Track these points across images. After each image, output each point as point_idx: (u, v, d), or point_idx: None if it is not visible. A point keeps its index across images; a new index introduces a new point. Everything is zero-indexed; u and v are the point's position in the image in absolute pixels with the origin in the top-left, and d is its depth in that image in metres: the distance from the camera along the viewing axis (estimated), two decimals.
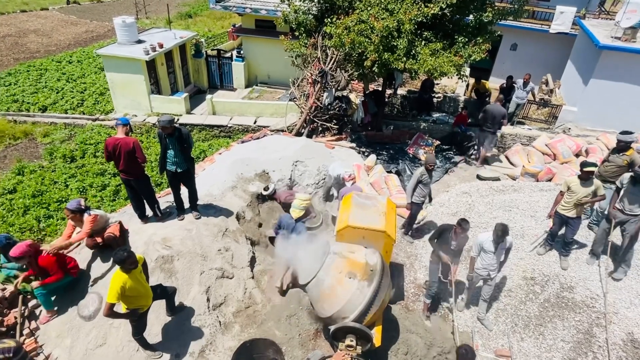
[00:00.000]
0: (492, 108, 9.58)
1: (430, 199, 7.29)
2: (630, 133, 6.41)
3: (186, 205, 6.64)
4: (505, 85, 11.78)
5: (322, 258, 4.74)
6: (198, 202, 6.71)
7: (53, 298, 5.53)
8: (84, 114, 15.11)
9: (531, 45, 15.52)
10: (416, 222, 7.49)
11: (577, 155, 9.84)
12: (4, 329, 5.17)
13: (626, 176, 5.68)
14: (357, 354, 4.39)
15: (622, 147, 6.41)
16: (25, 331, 5.27)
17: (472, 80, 12.87)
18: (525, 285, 6.16)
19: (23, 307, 5.43)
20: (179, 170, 6.01)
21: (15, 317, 5.29)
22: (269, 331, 5.54)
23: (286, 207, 7.03)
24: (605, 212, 6.73)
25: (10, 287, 5.57)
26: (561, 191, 6.07)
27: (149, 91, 14.45)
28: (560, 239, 6.35)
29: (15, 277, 5.53)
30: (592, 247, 6.31)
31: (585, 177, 5.68)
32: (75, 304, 5.46)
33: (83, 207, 5.51)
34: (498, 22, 9.93)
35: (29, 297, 5.63)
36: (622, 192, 5.71)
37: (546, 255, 6.44)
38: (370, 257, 4.77)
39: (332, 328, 4.54)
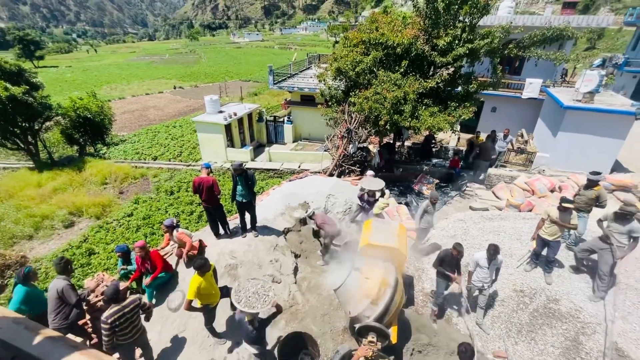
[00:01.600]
0: (486, 145, 10.25)
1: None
2: (599, 173, 5.91)
3: (248, 226, 6.64)
4: (489, 137, 11.38)
5: (350, 268, 4.50)
6: (257, 224, 6.70)
7: (156, 292, 5.55)
8: (181, 161, 15.93)
9: (508, 108, 15.04)
10: (422, 242, 7.07)
11: (552, 191, 9.11)
12: None
13: (609, 213, 5.14)
14: (378, 348, 4.01)
15: (591, 184, 5.89)
16: None
17: (468, 135, 12.51)
18: (516, 296, 5.54)
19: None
20: (244, 201, 6.04)
21: None
22: (307, 326, 5.23)
23: (316, 231, 6.83)
24: (582, 237, 6.09)
25: (125, 283, 5.64)
26: (542, 218, 5.55)
27: (226, 145, 15.10)
28: (543, 258, 5.74)
29: (128, 277, 5.62)
30: (578, 263, 5.66)
31: (563, 210, 5.20)
32: (164, 300, 5.44)
33: (174, 225, 5.63)
34: (481, 92, 9.74)
35: (132, 292, 5.69)
36: (606, 225, 5.14)
37: (532, 272, 5.81)
38: (387, 269, 4.48)
39: (357, 326, 4.21)
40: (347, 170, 10.92)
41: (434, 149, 12.88)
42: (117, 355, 4.21)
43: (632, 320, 4.88)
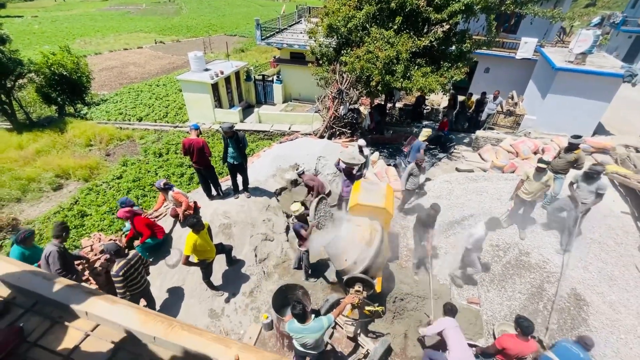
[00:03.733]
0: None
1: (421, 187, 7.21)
2: (579, 137, 6.13)
3: (240, 187, 6.77)
4: (479, 99, 11.40)
5: (339, 225, 4.76)
6: (249, 185, 6.83)
7: (147, 254, 5.76)
8: (168, 122, 15.50)
9: (501, 68, 14.84)
10: (408, 202, 7.39)
11: (535, 153, 9.42)
12: None
13: (579, 173, 5.46)
14: (364, 296, 4.42)
15: (571, 147, 6.13)
16: None
17: (461, 97, 12.43)
18: (492, 250, 6.00)
19: None
20: (235, 163, 6.10)
21: None
22: (299, 279, 5.64)
23: (308, 187, 7.03)
24: (557, 197, 6.48)
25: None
26: (522, 179, 5.86)
27: (214, 106, 14.67)
28: (519, 216, 6.14)
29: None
30: (549, 219, 6.10)
31: (539, 170, 5.53)
32: (163, 257, 5.70)
33: (164, 186, 5.69)
34: (475, 51, 9.54)
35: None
36: (576, 186, 5.49)
37: (508, 229, 6.24)
38: (374, 226, 4.76)
39: (345, 277, 4.58)
40: (337, 132, 10.91)
41: (424, 111, 12.86)
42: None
43: (592, 269, 5.43)
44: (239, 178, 6.56)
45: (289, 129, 13.71)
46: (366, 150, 7.59)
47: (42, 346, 1.61)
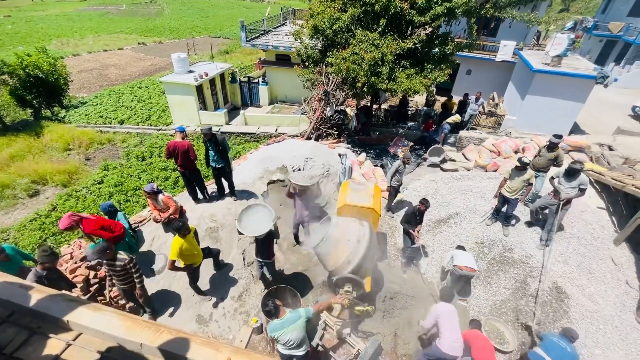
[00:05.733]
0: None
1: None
2: (560, 136, 6.38)
3: (226, 191, 6.68)
4: (462, 100, 11.70)
5: (327, 227, 4.76)
6: (236, 188, 6.75)
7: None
8: (150, 125, 15.15)
9: (482, 70, 15.28)
10: (394, 201, 7.47)
11: (515, 152, 9.72)
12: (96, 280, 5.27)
13: (561, 171, 5.67)
14: (353, 296, 4.43)
15: (552, 146, 6.35)
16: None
17: (442, 99, 12.70)
18: (477, 247, 6.14)
19: None
20: (217, 166, 6.02)
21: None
22: (289, 282, 5.58)
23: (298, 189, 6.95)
24: (539, 194, 6.69)
25: None
26: (504, 177, 6.04)
27: (198, 108, 14.44)
28: (503, 213, 6.32)
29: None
30: (532, 217, 6.29)
31: (520, 169, 5.75)
32: (149, 263, 5.55)
33: (156, 190, 5.54)
34: (457, 53, 9.78)
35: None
36: (557, 182, 5.70)
37: (492, 226, 6.41)
38: (362, 227, 4.78)
39: (334, 278, 4.58)
40: (324, 134, 10.94)
41: (409, 112, 13.06)
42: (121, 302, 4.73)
43: (572, 263, 5.64)
44: (225, 182, 6.47)
45: (276, 130, 13.65)
46: (347, 161, 7.63)
47: (19, 358, 1.52)
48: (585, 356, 4.62)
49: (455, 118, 9.72)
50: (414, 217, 5.72)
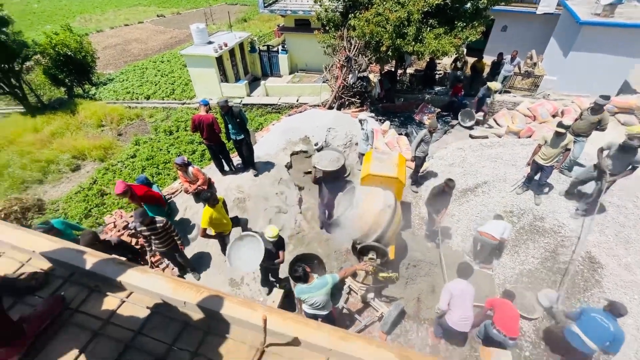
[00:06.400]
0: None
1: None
2: (607, 97, 5.77)
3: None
4: (495, 60, 10.83)
5: (352, 197, 4.81)
6: (260, 160, 6.87)
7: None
8: (175, 99, 15.45)
9: (519, 26, 13.86)
10: (420, 171, 7.32)
11: (553, 116, 9.05)
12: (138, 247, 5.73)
13: (616, 143, 5.08)
14: (377, 263, 4.55)
15: (597, 108, 5.81)
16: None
17: (471, 59, 11.83)
18: (505, 216, 5.95)
19: None
20: (237, 138, 6.10)
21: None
22: (313, 249, 5.81)
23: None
24: (577, 161, 6.28)
25: None
26: (539, 144, 5.69)
27: (219, 80, 14.45)
28: (535, 182, 6.04)
29: None
30: (571, 188, 5.92)
31: (559, 135, 5.32)
32: (182, 231, 5.92)
33: (187, 162, 5.75)
34: (492, 8, 8.91)
35: None
36: (607, 154, 5.16)
37: (523, 195, 6.18)
38: (386, 196, 4.78)
39: (358, 246, 4.69)
40: (347, 102, 10.68)
41: (437, 76, 12.33)
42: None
43: (608, 232, 5.39)
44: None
45: (297, 101, 13.48)
46: (368, 126, 7.42)
47: (83, 312, 1.75)
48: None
49: (495, 85, 9.03)
50: (439, 198, 5.50)
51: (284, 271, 5.22)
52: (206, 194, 4.54)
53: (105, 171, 10.79)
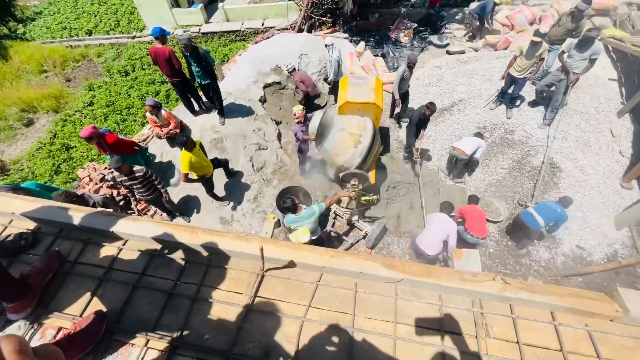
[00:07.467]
0: None
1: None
2: (589, 1, 5.54)
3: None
4: None
5: (330, 126, 4.78)
6: (231, 96, 6.48)
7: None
8: (122, 33, 13.53)
9: None
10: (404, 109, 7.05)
11: (531, 24, 8.74)
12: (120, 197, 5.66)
13: (573, 42, 5.17)
14: (360, 189, 4.78)
15: (577, 14, 5.62)
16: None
17: None
18: (481, 133, 6.18)
19: None
20: (203, 82, 5.59)
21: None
22: (297, 182, 5.96)
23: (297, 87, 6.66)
24: (549, 71, 6.32)
25: None
26: (515, 55, 5.62)
27: (170, 5, 12.57)
28: (509, 95, 6.13)
29: None
30: (537, 96, 6.11)
31: (534, 44, 5.26)
32: (164, 178, 5.82)
33: (159, 104, 5.38)
34: None
35: None
36: (566, 57, 5.31)
37: (496, 109, 6.33)
38: (365, 123, 4.78)
39: (341, 175, 4.85)
40: (317, 23, 9.77)
41: None
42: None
43: (570, 139, 5.78)
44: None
45: (262, 25, 12.14)
46: (334, 52, 6.93)
47: (83, 263, 1.81)
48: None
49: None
50: (419, 124, 5.52)
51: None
52: (182, 138, 4.35)
53: (63, 123, 9.93)
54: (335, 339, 1.52)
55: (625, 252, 5.03)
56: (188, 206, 5.72)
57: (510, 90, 6.01)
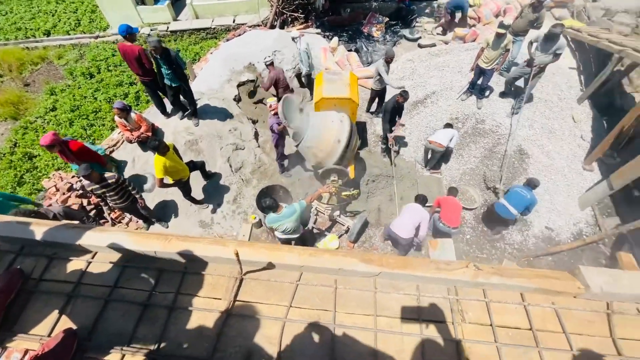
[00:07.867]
0: None
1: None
2: None
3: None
4: None
5: (307, 124, 4.76)
6: (205, 96, 6.30)
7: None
8: (84, 33, 12.79)
9: None
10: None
11: (496, 16, 9.06)
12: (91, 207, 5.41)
13: (540, 35, 5.38)
14: (340, 184, 4.80)
15: (537, 5, 5.88)
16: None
17: None
18: (452, 123, 6.35)
19: None
20: (173, 85, 5.39)
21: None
22: (277, 180, 5.91)
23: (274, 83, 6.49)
24: (515, 62, 6.57)
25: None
26: (482, 47, 5.81)
27: (135, 3, 12.00)
28: (478, 86, 6.33)
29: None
30: (506, 87, 6.33)
31: (499, 36, 5.45)
32: (138, 184, 5.60)
33: (128, 107, 5.16)
34: None
35: None
36: (534, 47, 5.50)
37: (467, 100, 6.51)
38: (342, 119, 4.80)
39: (320, 171, 4.85)
40: (289, 19, 9.67)
41: None
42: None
43: (536, 126, 6.06)
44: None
45: (234, 21, 11.85)
46: (302, 44, 6.89)
47: (48, 279, 1.71)
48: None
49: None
50: (393, 113, 5.59)
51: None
52: (154, 142, 4.19)
53: (24, 130, 9.32)
54: (317, 337, 1.53)
55: (589, 230, 5.36)
56: (165, 211, 5.54)
57: (479, 82, 6.21)
